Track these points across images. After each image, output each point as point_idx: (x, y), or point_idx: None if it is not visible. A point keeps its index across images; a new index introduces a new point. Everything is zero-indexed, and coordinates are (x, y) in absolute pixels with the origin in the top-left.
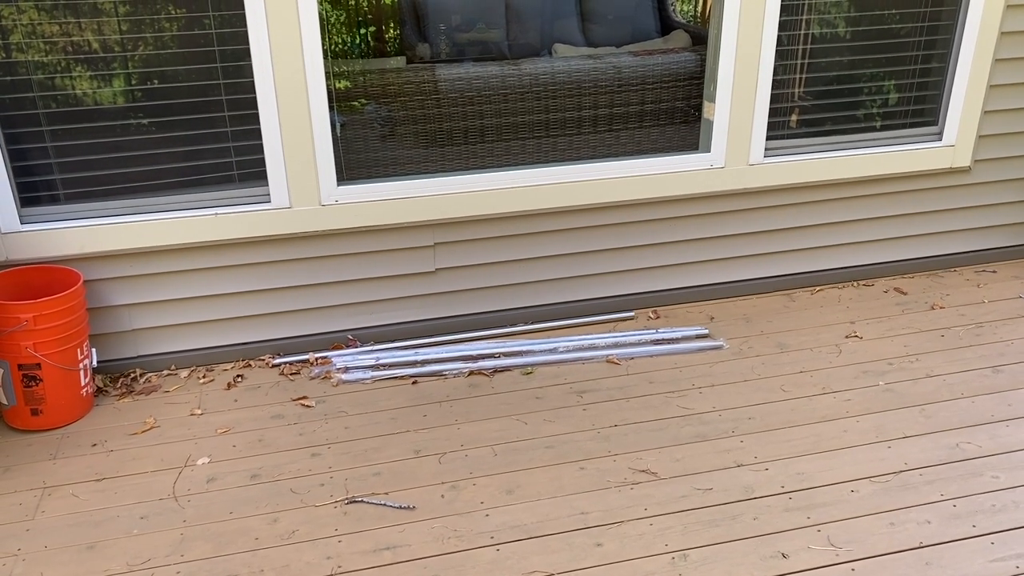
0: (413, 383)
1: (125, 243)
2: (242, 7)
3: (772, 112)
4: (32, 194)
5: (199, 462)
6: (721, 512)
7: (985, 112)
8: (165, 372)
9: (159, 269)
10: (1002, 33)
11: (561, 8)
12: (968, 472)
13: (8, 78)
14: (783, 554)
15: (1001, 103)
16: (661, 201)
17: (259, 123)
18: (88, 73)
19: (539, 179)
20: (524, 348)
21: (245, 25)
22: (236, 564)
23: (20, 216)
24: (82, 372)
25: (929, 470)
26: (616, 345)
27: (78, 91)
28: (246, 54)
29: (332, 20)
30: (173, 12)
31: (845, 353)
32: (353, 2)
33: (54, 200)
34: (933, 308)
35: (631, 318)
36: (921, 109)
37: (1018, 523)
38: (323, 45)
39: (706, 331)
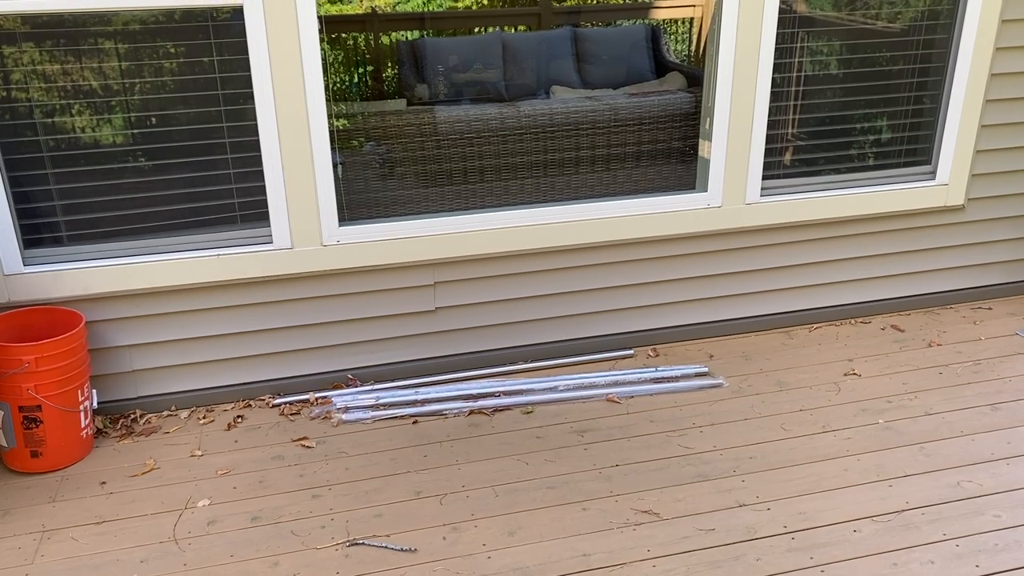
0: (413, 423)
1: (127, 284)
2: (245, 51)
3: (768, 152)
4: (35, 236)
5: (199, 504)
6: (724, 553)
7: (977, 151)
8: (165, 413)
9: (161, 310)
10: (992, 75)
11: (557, 50)
12: (970, 511)
13: (12, 121)
14: None
15: (993, 143)
16: (660, 240)
17: (262, 165)
18: (91, 114)
19: (538, 219)
20: (524, 387)
21: (248, 68)
22: None
23: (23, 258)
24: (83, 413)
25: (931, 509)
26: (616, 383)
27: (81, 133)
28: (249, 97)
29: (332, 61)
30: (175, 52)
31: (844, 391)
32: (352, 43)
33: (57, 242)
34: (930, 345)
35: (630, 356)
36: (914, 149)
37: (1021, 563)
38: (325, 86)
39: (705, 369)
